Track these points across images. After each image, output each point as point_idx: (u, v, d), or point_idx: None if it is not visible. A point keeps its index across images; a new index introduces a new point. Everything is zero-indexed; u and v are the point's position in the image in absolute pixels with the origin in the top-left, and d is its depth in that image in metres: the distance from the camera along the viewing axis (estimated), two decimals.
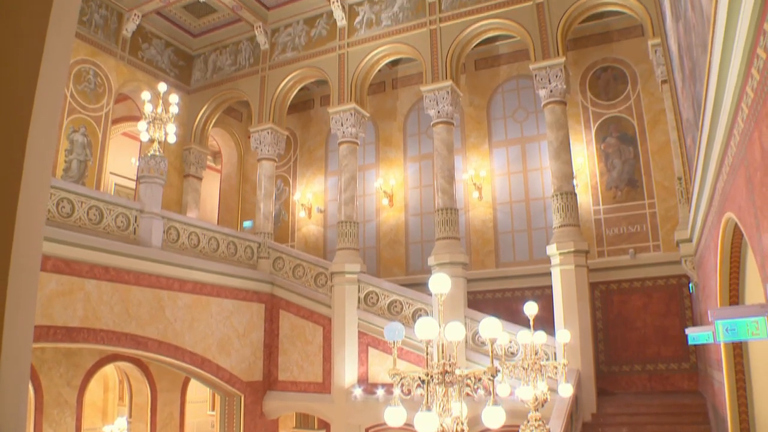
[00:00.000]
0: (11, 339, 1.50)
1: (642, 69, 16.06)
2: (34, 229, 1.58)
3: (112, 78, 16.95)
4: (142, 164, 13.23)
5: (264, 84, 18.17)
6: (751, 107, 4.12)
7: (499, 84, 18.09)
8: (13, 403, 1.54)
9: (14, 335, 1.51)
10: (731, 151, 5.25)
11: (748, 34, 3.70)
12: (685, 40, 8.07)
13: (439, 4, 16.01)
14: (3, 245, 1.49)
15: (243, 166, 21.67)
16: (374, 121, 19.44)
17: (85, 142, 15.92)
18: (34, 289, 1.61)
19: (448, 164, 14.95)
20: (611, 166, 16.00)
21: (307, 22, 17.97)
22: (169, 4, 17.35)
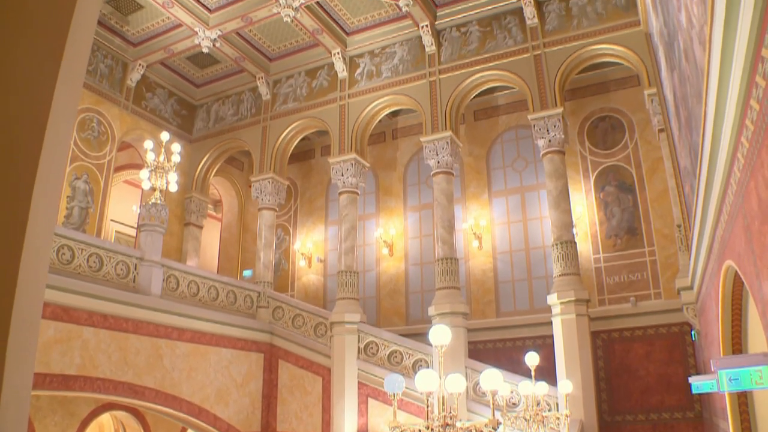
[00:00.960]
0: (11, 388, 1.50)
1: (639, 118, 16.25)
2: (37, 278, 1.59)
3: (116, 126, 17.14)
4: (143, 212, 13.27)
5: (265, 134, 18.36)
6: (747, 157, 4.16)
7: (498, 134, 18.27)
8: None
9: (14, 384, 1.51)
10: (729, 200, 5.29)
11: (741, 86, 3.77)
12: (681, 90, 8.19)
13: (439, 56, 16.29)
14: (6, 295, 1.49)
15: (243, 215, 21.73)
16: (374, 171, 19.57)
17: (87, 189, 16.01)
18: (35, 338, 1.61)
19: (448, 214, 15.00)
20: (611, 214, 16.05)
21: (308, 74, 18.25)
22: (174, 54, 17.65)
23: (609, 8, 14.78)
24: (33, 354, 1.62)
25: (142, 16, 16.57)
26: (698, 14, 4.93)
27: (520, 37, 15.52)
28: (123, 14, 16.46)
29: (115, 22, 16.70)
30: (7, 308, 1.48)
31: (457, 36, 16.25)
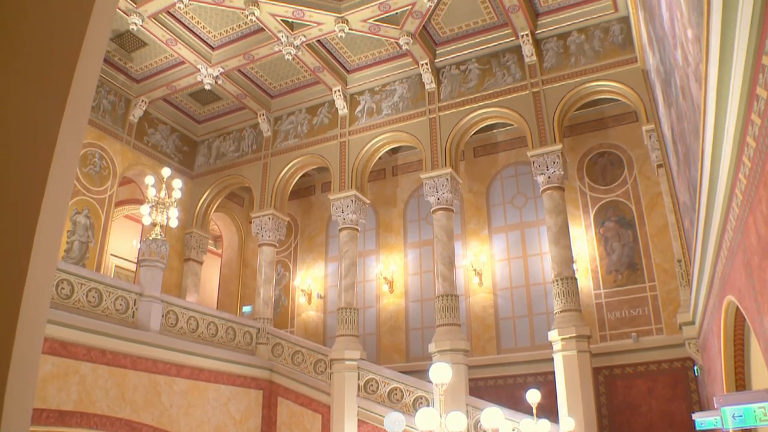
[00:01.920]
0: (10, 425, 1.50)
1: (638, 154, 16.34)
2: (38, 315, 1.60)
3: (117, 162, 17.24)
4: (144, 248, 13.27)
5: (266, 170, 18.45)
6: (745, 193, 4.19)
7: (498, 170, 18.35)
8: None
9: (13, 421, 1.50)
10: (728, 236, 5.30)
11: (737, 123, 3.81)
12: (678, 126, 8.26)
13: (438, 94, 16.46)
14: (7, 332, 1.49)
15: (244, 251, 21.72)
16: (375, 208, 19.61)
17: (87, 223, 16.04)
18: (34, 375, 1.61)
19: (448, 250, 15.01)
20: (611, 249, 16.05)
21: (309, 111, 18.42)
22: (176, 91, 17.83)
23: (606, 46, 14.98)
24: (33, 391, 1.61)
25: (146, 54, 16.78)
26: (694, 53, 5.01)
27: (519, 75, 15.70)
28: (127, 51, 16.67)
29: (119, 59, 16.90)
30: (8, 345, 1.48)
31: (456, 73, 16.43)
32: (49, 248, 1.60)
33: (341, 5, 14.64)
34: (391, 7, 14.53)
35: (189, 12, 15.31)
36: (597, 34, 15.15)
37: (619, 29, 14.93)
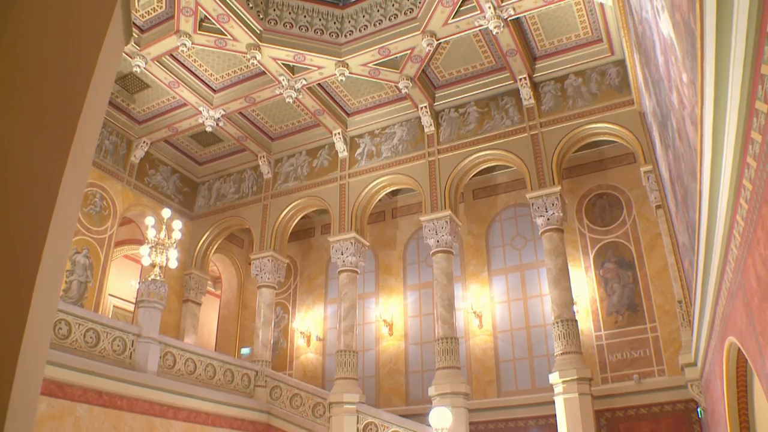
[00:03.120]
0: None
1: (636, 195, 16.40)
2: (37, 357, 1.60)
3: (118, 202, 17.30)
4: (143, 288, 13.24)
5: (266, 212, 18.51)
6: (743, 235, 4.21)
7: (497, 212, 18.40)
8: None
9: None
10: (728, 277, 5.31)
11: (733, 166, 3.85)
12: (676, 167, 8.32)
13: (438, 137, 16.61)
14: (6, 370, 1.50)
15: (243, 293, 21.65)
16: (374, 250, 19.61)
17: (86, 263, 16.02)
18: (32, 418, 1.61)
19: (448, 293, 14.97)
20: (611, 291, 16.00)
21: (309, 153, 18.56)
22: (178, 133, 18.00)
23: (603, 88, 15.17)
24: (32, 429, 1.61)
25: (148, 95, 16.99)
26: (689, 96, 5.08)
27: (517, 118, 15.87)
28: (130, 93, 16.88)
29: (122, 101, 17.09)
30: (6, 388, 1.48)
31: (455, 116, 16.61)
32: (50, 291, 1.62)
33: (341, 49, 14.87)
34: (391, 52, 14.76)
35: (191, 55, 15.55)
36: (594, 77, 15.37)
37: (615, 72, 15.15)
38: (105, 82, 1.65)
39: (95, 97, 1.58)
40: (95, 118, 1.65)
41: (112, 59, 1.66)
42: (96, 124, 1.68)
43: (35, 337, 1.58)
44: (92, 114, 1.60)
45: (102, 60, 1.56)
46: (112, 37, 1.61)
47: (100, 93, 1.61)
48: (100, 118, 1.68)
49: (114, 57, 1.67)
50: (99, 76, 1.56)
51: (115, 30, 1.63)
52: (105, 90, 1.67)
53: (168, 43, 14.53)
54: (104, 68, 1.60)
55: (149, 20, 14.57)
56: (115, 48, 1.66)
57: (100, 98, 1.64)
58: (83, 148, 1.64)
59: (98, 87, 1.58)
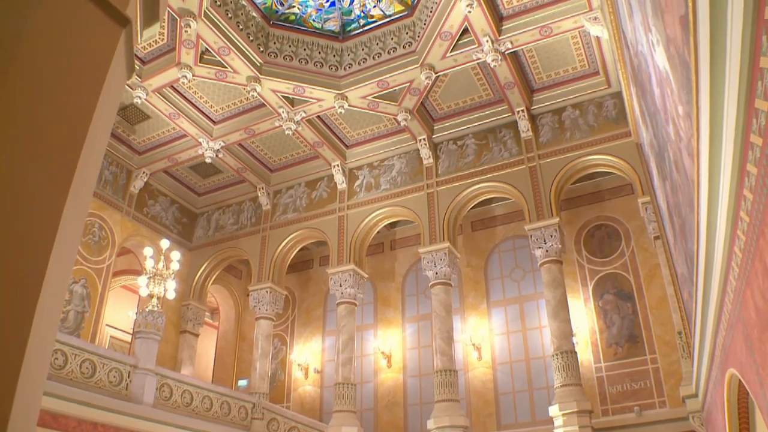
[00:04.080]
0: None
1: (634, 226, 16.42)
2: (35, 388, 1.60)
3: (117, 232, 17.29)
4: (140, 319, 13.17)
5: (265, 243, 18.50)
6: (741, 266, 4.22)
7: (496, 244, 18.40)
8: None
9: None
10: (727, 308, 5.30)
11: (730, 198, 3.87)
12: (673, 198, 8.36)
13: (436, 169, 16.68)
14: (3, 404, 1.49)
15: (240, 324, 21.54)
16: (373, 282, 19.55)
17: (84, 293, 15.96)
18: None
19: (447, 325, 14.91)
20: (610, 322, 15.93)
21: (308, 185, 18.61)
22: (177, 163, 18.07)
23: (600, 120, 15.29)
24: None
25: (149, 126, 17.09)
26: (685, 128, 5.13)
27: (515, 150, 15.96)
28: (130, 123, 16.98)
29: (123, 131, 17.18)
30: (4, 420, 1.48)
31: (454, 149, 16.70)
32: (49, 323, 1.62)
33: (341, 82, 15.00)
34: (390, 85, 14.89)
35: (192, 87, 15.68)
36: (591, 109, 15.50)
37: (612, 104, 15.29)
38: (107, 116, 1.67)
39: (97, 131, 1.60)
40: (97, 151, 1.67)
41: (115, 94, 1.68)
42: (97, 157, 1.70)
43: (33, 368, 1.58)
44: (94, 148, 1.62)
45: (104, 95, 1.59)
46: (114, 73, 1.63)
47: (101, 127, 1.63)
48: (101, 151, 1.69)
49: (116, 91, 1.69)
50: (101, 111, 1.59)
51: (118, 65, 1.66)
52: (107, 124, 1.69)
53: (169, 74, 14.66)
54: (106, 103, 1.62)
55: (151, 52, 14.73)
56: (117, 83, 1.68)
57: (101, 132, 1.66)
58: (85, 182, 1.65)
59: (100, 121, 1.60)
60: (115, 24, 1.64)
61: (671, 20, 4.29)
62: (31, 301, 1.50)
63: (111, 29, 1.62)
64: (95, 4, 1.60)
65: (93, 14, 1.59)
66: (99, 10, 1.60)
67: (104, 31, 1.61)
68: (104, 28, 1.61)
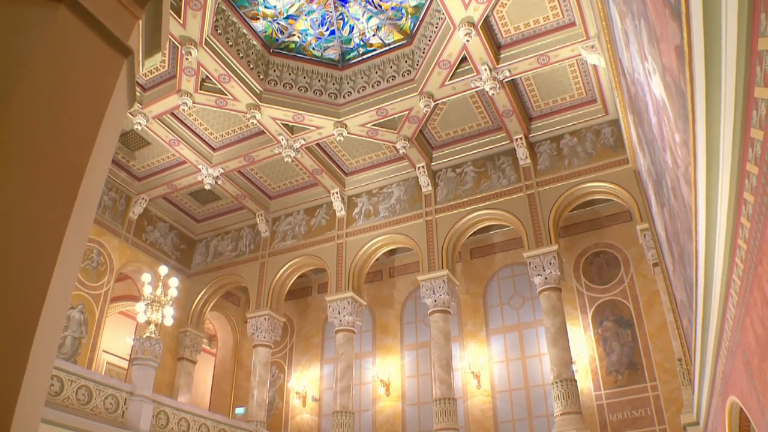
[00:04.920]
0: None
1: (633, 252, 16.42)
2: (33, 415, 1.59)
3: (115, 258, 17.25)
4: (137, 345, 13.10)
5: (263, 270, 18.46)
6: (740, 294, 4.22)
7: (495, 272, 18.38)
8: None
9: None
10: (727, 335, 5.29)
11: (728, 226, 3.89)
12: (672, 226, 8.37)
13: (435, 196, 16.71)
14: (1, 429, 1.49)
15: (238, 351, 21.42)
16: (371, 309, 19.49)
17: (81, 319, 15.88)
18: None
19: (446, 353, 14.83)
20: (610, 349, 15.85)
21: (307, 212, 18.63)
22: (176, 190, 18.10)
23: (598, 147, 15.36)
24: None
25: (149, 153, 17.15)
26: (682, 155, 5.16)
27: (514, 177, 16.01)
28: (130, 149, 17.04)
29: (122, 157, 17.23)
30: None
31: (452, 176, 16.75)
32: (47, 350, 1.61)
33: (340, 110, 15.10)
34: (389, 113, 14.98)
35: (192, 114, 15.76)
36: (589, 137, 15.58)
37: (610, 132, 15.37)
38: (108, 146, 1.69)
39: (98, 160, 1.61)
40: (97, 180, 1.68)
41: (116, 123, 1.70)
42: (98, 186, 1.71)
43: (31, 394, 1.58)
44: (95, 177, 1.63)
45: (106, 124, 1.60)
46: (116, 102, 1.65)
47: (102, 156, 1.65)
48: (102, 179, 1.71)
49: (117, 121, 1.71)
50: (102, 140, 1.60)
51: (120, 95, 1.68)
52: (108, 153, 1.70)
53: (169, 101, 14.75)
54: (108, 132, 1.63)
55: (152, 79, 14.83)
56: (118, 112, 1.70)
57: (102, 161, 1.67)
58: (85, 210, 1.66)
59: (101, 150, 1.61)
60: (118, 54, 1.66)
61: (667, 50, 4.34)
62: (30, 329, 1.50)
63: (113, 59, 1.64)
64: (98, 35, 1.62)
65: (95, 44, 1.61)
66: (101, 40, 1.62)
67: (106, 61, 1.63)
68: (106, 59, 1.63)
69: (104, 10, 1.62)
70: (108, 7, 1.64)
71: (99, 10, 1.60)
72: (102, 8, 1.62)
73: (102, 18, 1.60)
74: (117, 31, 1.64)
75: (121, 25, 1.67)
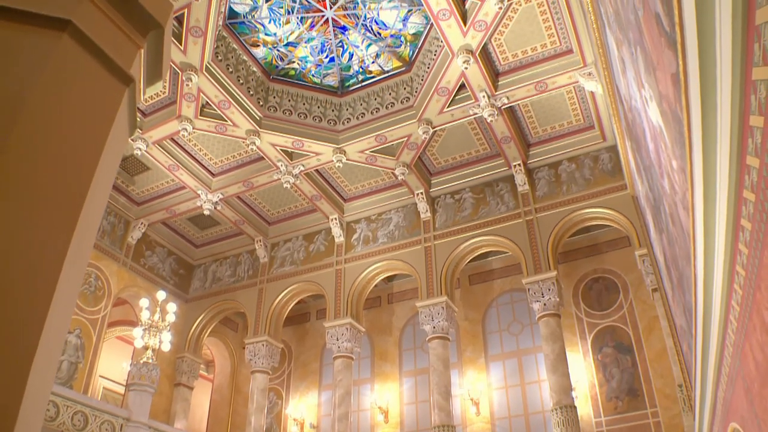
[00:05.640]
0: None
1: (632, 278, 16.39)
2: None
3: (113, 282, 17.20)
4: (134, 371, 13.03)
5: (261, 296, 18.41)
6: (739, 320, 4.21)
7: (494, 298, 18.33)
8: None
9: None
10: (727, 361, 5.27)
11: (726, 252, 3.90)
12: (670, 251, 8.37)
13: (434, 222, 16.72)
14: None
15: (236, 377, 21.28)
16: (370, 336, 19.40)
17: (78, 344, 15.78)
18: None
19: (444, 380, 14.74)
20: (610, 376, 15.76)
21: (306, 238, 18.62)
22: (176, 215, 18.11)
23: (596, 173, 15.41)
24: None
25: (148, 178, 17.18)
26: (680, 181, 5.18)
27: (512, 203, 16.04)
28: (130, 174, 17.08)
29: (122, 182, 17.26)
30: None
31: (451, 202, 16.78)
32: (46, 376, 1.61)
33: (339, 137, 15.17)
34: (388, 139, 15.06)
35: (192, 139, 15.82)
36: (587, 163, 15.63)
37: (608, 158, 15.42)
38: (108, 174, 1.70)
39: (98, 189, 1.62)
40: (97, 208, 1.69)
41: (116, 151, 1.71)
42: (98, 214, 1.71)
43: (28, 421, 1.57)
44: (94, 205, 1.64)
45: (106, 153, 1.61)
46: (117, 131, 1.66)
47: (103, 184, 1.65)
48: (102, 207, 1.71)
49: (118, 149, 1.72)
50: (102, 169, 1.61)
51: (121, 123, 1.69)
52: (108, 181, 1.71)
53: (169, 127, 14.82)
54: (108, 160, 1.65)
55: (152, 104, 14.91)
56: (119, 141, 1.71)
57: (102, 189, 1.68)
58: (84, 238, 1.67)
59: (101, 179, 1.62)
60: (119, 83, 1.67)
61: (663, 77, 4.38)
62: (29, 354, 1.50)
63: (115, 88, 1.66)
64: (100, 63, 1.64)
65: (97, 73, 1.63)
66: (103, 69, 1.64)
67: (108, 89, 1.64)
68: (108, 87, 1.64)
69: (107, 39, 1.64)
70: (110, 36, 1.66)
71: (101, 38, 1.62)
72: (105, 37, 1.64)
73: (104, 47, 1.62)
74: (119, 59, 1.66)
75: (124, 53, 1.69)
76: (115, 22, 1.68)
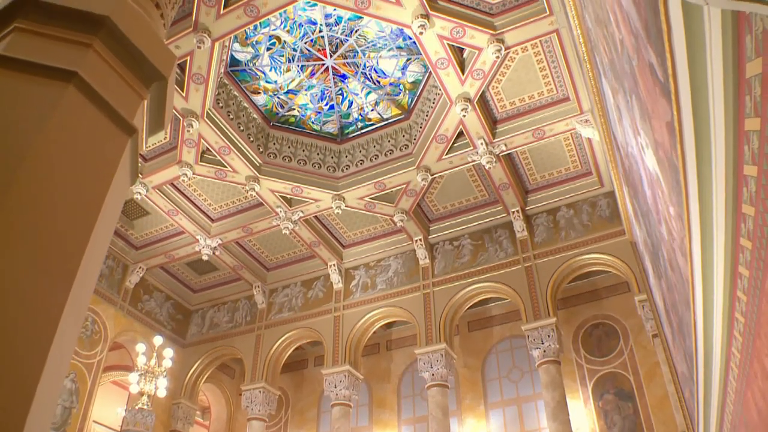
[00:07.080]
0: None
1: (632, 324, 16.30)
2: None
3: (110, 327, 17.06)
4: (129, 417, 12.87)
5: (259, 342, 18.26)
6: (740, 367, 4.19)
7: (493, 344, 18.21)
8: None
9: None
10: (729, 409, 5.22)
11: (724, 299, 3.90)
12: (669, 297, 8.35)
13: (432, 269, 16.69)
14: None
15: (232, 424, 20.96)
16: (368, 383, 19.20)
17: (73, 388, 15.57)
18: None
19: (444, 428, 14.54)
20: (611, 423, 15.55)
21: (304, 284, 18.56)
22: (174, 260, 18.07)
23: (594, 219, 15.44)
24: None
25: (147, 222, 17.20)
26: (677, 228, 5.20)
27: (511, 250, 16.03)
28: (129, 218, 17.10)
29: (121, 226, 17.26)
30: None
31: (450, 249, 16.78)
32: (42, 425, 1.60)
33: (338, 183, 15.25)
34: (386, 186, 15.13)
35: (192, 184, 15.89)
36: (585, 209, 15.67)
37: (606, 203, 15.47)
38: (109, 221, 1.71)
39: (99, 236, 1.64)
40: (98, 255, 1.70)
41: (118, 200, 1.73)
42: (98, 260, 1.73)
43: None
44: (95, 252, 1.65)
45: (108, 201, 1.63)
46: (119, 179, 1.69)
47: (104, 232, 1.67)
48: (102, 254, 1.73)
49: (119, 197, 1.74)
50: (104, 216, 1.63)
51: (123, 172, 1.72)
52: (109, 228, 1.73)
53: (170, 172, 14.90)
54: (109, 208, 1.67)
55: (153, 150, 15.01)
56: (121, 189, 1.74)
57: (103, 236, 1.70)
58: (84, 285, 1.68)
59: (103, 226, 1.64)
60: (122, 133, 1.71)
61: (659, 125, 4.44)
62: (26, 401, 1.49)
63: (118, 138, 1.69)
64: (104, 114, 1.67)
65: (101, 123, 1.66)
66: (107, 119, 1.67)
67: (111, 139, 1.67)
68: (112, 137, 1.67)
69: (111, 90, 1.68)
70: (115, 87, 1.70)
71: (106, 90, 1.66)
72: (109, 88, 1.68)
73: (109, 98, 1.66)
74: (123, 110, 1.69)
75: (127, 104, 1.73)
76: (119, 73, 1.72)
